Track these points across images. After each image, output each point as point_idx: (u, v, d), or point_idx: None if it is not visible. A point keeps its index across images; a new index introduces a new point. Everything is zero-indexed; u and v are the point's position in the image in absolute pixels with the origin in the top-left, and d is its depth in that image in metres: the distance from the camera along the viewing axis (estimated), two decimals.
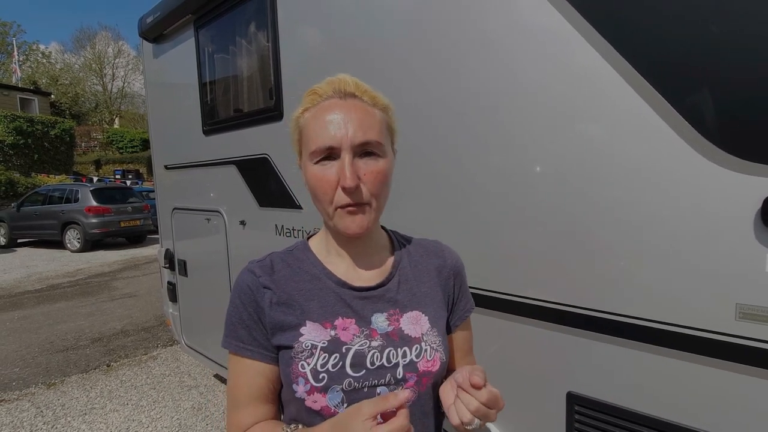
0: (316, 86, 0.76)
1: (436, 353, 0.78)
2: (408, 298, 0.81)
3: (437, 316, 0.83)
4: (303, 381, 0.72)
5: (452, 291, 0.88)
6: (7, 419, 3.20)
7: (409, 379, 0.75)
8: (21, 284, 7.61)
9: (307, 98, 0.76)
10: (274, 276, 0.79)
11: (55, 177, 18.24)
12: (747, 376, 0.95)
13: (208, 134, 2.68)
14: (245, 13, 2.29)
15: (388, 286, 0.80)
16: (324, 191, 0.71)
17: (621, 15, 1.07)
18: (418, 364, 0.76)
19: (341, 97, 0.73)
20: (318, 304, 0.77)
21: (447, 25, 1.42)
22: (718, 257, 0.97)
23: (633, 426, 1.12)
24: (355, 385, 0.72)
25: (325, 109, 0.72)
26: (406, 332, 0.78)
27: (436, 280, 0.86)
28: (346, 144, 0.69)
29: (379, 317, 0.78)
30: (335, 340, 0.74)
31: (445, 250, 0.91)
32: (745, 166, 0.92)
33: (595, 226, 1.15)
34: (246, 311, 0.77)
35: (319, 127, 0.71)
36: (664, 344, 1.06)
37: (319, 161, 0.71)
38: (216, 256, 2.73)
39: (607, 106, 1.11)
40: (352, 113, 0.71)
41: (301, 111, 0.76)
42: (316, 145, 0.71)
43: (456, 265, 0.89)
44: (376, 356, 0.74)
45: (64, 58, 35.52)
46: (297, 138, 0.77)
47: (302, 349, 0.73)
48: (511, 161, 1.31)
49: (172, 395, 3.50)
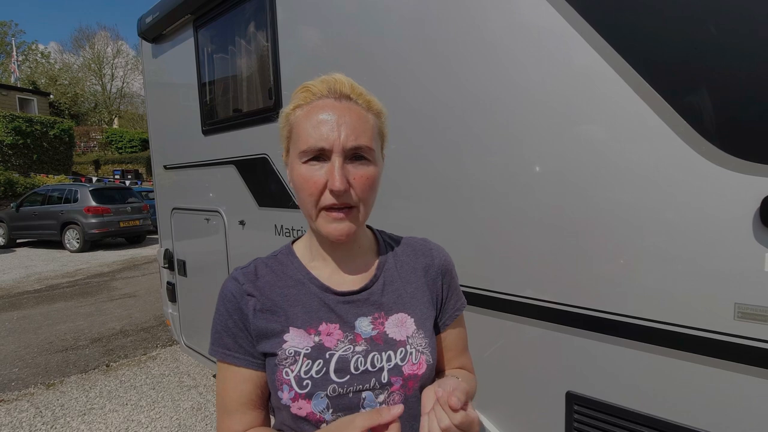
0: (309, 83, 0.74)
1: (421, 356, 0.77)
2: (393, 300, 0.80)
3: (424, 317, 0.81)
4: (287, 388, 0.71)
5: (440, 290, 0.86)
6: (6, 419, 3.20)
7: (395, 383, 0.74)
8: (20, 284, 7.60)
9: (300, 95, 0.74)
10: (257, 282, 0.78)
11: (54, 177, 18.22)
12: (746, 375, 0.95)
13: (208, 134, 2.68)
14: (245, 13, 2.29)
15: (372, 289, 0.79)
16: (310, 192, 0.70)
17: (619, 16, 1.07)
18: (403, 368, 0.75)
19: (336, 98, 0.72)
20: (302, 310, 0.76)
21: (447, 26, 1.42)
22: (717, 257, 0.97)
23: (632, 425, 1.12)
24: (340, 390, 0.71)
25: (318, 108, 0.71)
26: (391, 336, 0.77)
27: (423, 279, 0.84)
28: (337, 147, 0.68)
29: (363, 321, 0.77)
30: (319, 346, 0.73)
31: (434, 248, 0.89)
32: (743, 165, 0.92)
33: (593, 226, 1.16)
34: (231, 319, 0.76)
35: (311, 126, 0.70)
36: (663, 344, 1.06)
37: (308, 161, 0.70)
38: (215, 256, 2.73)
39: (606, 106, 1.11)
40: (345, 116, 0.70)
41: (293, 107, 0.74)
42: (307, 145, 0.69)
43: (444, 264, 0.87)
44: (360, 361, 0.73)
45: (62, 58, 35.53)
46: (286, 134, 0.76)
47: (286, 356, 0.72)
48: (510, 162, 1.31)
49: (171, 395, 3.50)
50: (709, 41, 0.96)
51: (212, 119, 2.64)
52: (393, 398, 0.75)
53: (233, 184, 2.50)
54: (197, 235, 2.97)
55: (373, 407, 0.72)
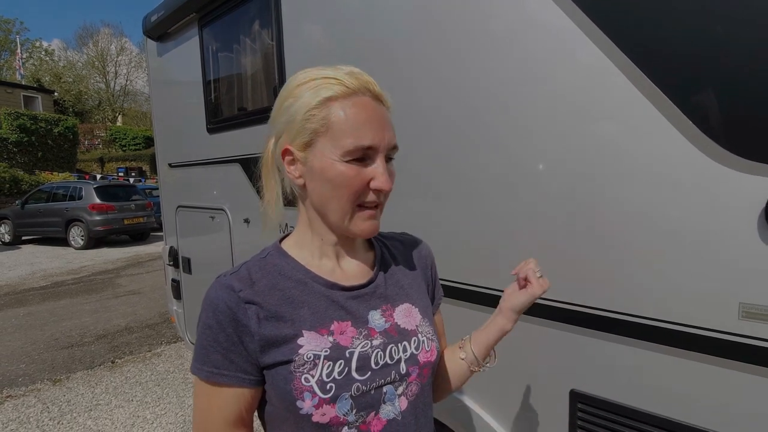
0: (334, 73, 0.69)
1: (432, 343, 0.79)
2: (396, 292, 0.81)
3: (425, 306, 0.84)
4: (309, 395, 0.66)
5: (430, 280, 0.91)
6: (13, 415, 3.24)
7: (412, 373, 0.75)
8: (26, 281, 7.66)
9: (334, 86, 0.68)
10: (255, 287, 0.71)
11: (59, 174, 18.32)
12: (750, 375, 0.95)
13: (212, 132, 2.69)
14: (249, 12, 2.29)
15: (377, 281, 0.79)
16: (355, 190, 0.69)
17: (625, 14, 1.07)
18: (418, 356, 0.76)
19: (373, 98, 0.71)
20: (309, 311, 0.72)
21: (455, 23, 1.42)
22: (722, 256, 0.97)
23: (636, 424, 1.12)
24: (363, 388, 0.70)
25: (362, 105, 0.69)
26: (402, 326, 0.77)
27: (417, 270, 0.88)
28: (383, 147, 0.70)
29: (375, 314, 0.76)
30: (336, 346, 0.70)
31: (418, 240, 0.94)
32: (749, 165, 0.92)
33: (598, 224, 1.16)
34: (223, 333, 0.68)
35: (359, 123, 0.68)
36: (667, 343, 1.06)
37: (351, 159, 0.68)
38: (220, 253, 2.75)
39: (610, 105, 1.11)
40: (385, 115, 0.72)
41: (326, 98, 0.68)
42: (357, 143, 0.67)
43: (430, 254, 0.94)
44: (379, 355, 0.72)
45: (66, 55, 35.63)
46: (317, 126, 0.68)
47: (304, 361, 0.68)
48: (516, 160, 1.31)
49: (176, 392, 3.53)
50: (714, 40, 0.96)
51: (217, 117, 2.65)
52: (411, 390, 0.75)
53: (238, 182, 2.51)
54: (202, 233, 2.98)
55: (393, 401, 0.73)
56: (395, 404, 0.73)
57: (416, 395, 0.76)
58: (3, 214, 12.23)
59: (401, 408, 0.74)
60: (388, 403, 0.72)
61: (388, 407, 0.72)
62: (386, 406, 0.72)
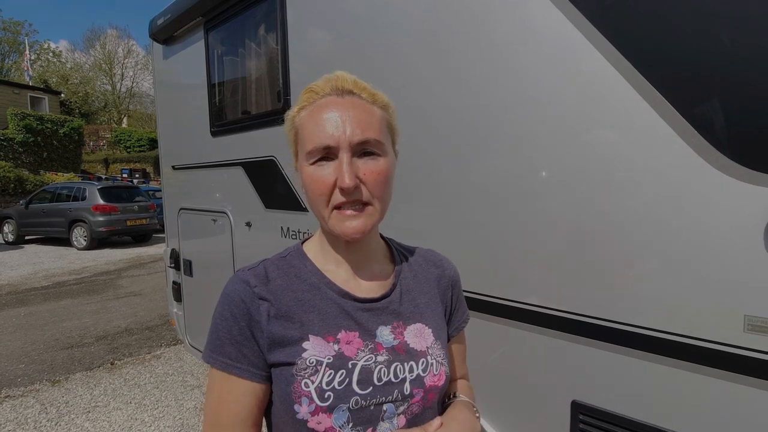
0: (313, 84, 0.72)
1: (441, 367, 0.75)
2: (410, 310, 0.78)
3: (439, 328, 0.80)
4: (307, 401, 0.66)
5: (450, 302, 0.86)
6: (11, 415, 3.23)
7: (416, 395, 0.72)
8: (28, 281, 7.67)
9: (304, 96, 0.72)
10: (270, 285, 0.72)
11: (64, 175, 18.42)
12: (754, 388, 0.94)
13: (216, 135, 2.70)
14: (255, 16, 2.31)
15: (391, 297, 0.77)
16: (321, 192, 0.68)
17: (629, 22, 1.07)
18: (425, 379, 0.73)
19: (339, 94, 0.70)
20: (318, 316, 0.71)
21: (457, 30, 1.42)
22: (726, 268, 0.96)
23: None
24: (362, 403, 0.68)
25: (322, 107, 0.69)
26: (412, 346, 0.74)
27: (435, 290, 0.83)
28: (344, 143, 0.66)
29: (384, 330, 0.74)
30: (340, 356, 0.69)
31: (443, 260, 0.89)
32: (753, 176, 0.92)
33: (602, 234, 1.15)
34: (237, 325, 0.70)
35: (315, 125, 0.68)
36: (671, 355, 1.05)
37: (315, 161, 0.68)
38: (221, 256, 2.75)
39: (615, 113, 1.11)
40: (350, 111, 0.68)
41: (297, 109, 0.72)
42: (313, 145, 0.67)
43: (454, 276, 0.87)
44: (383, 372, 0.70)
45: (74, 57, 35.95)
46: (293, 138, 0.74)
47: (306, 365, 0.67)
48: (517, 168, 1.31)
49: (175, 395, 3.51)
50: (720, 50, 0.95)
51: (221, 121, 2.66)
52: (412, 410, 0.73)
53: (240, 185, 2.51)
54: (204, 236, 2.98)
55: (391, 420, 0.71)
56: (393, 422, 0.71)
57: (416, 415, 0.73)
58: (7, 214, 12.29)
59: (398, 425, 0.71)
60: (386, 421, 0.70)
61: (386, 425, 0.70)
62: (384, 423, 0.70)
